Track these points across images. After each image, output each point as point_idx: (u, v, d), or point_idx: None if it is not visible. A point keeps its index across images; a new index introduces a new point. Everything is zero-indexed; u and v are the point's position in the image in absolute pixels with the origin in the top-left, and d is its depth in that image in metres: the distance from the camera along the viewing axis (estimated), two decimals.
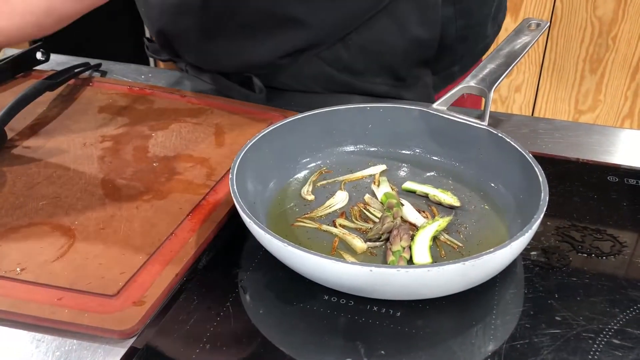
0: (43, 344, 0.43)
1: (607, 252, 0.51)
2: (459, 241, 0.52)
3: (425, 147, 0.63)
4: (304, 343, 0.43)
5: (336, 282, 0.44)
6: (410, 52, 0.76)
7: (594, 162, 0.65)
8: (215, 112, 0.73)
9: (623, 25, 2.01)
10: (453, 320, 0.45)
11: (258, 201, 0.55)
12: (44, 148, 0.66)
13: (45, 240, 0.52)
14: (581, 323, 0.44)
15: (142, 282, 0.47)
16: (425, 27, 0.75)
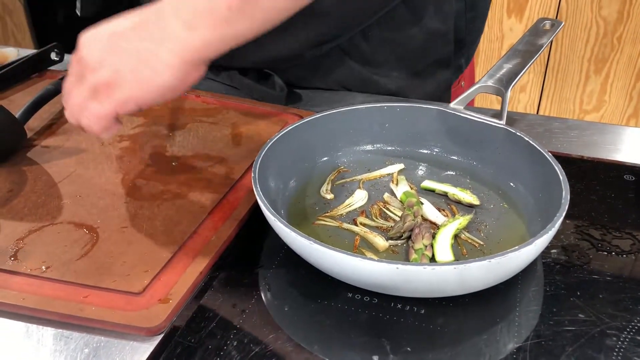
0: (71, 341, 0.44)
1: (627, 250, 0.52)
2: (479, 239, 0.52)
3: (442, 146, 0.63)
4: (329, 340, 0.43)
5: (362, 279, 0.45)
6: (426, 45, 0.78)
7: (610, 160, 0.65)
8: (231, 112, 0.74)
9: (628, 25, 2.01)
10: (477, 318, 0.45)
11: (279, 199, 0.56)
12: (62, 147, 0.66)
13: (68, 238, 0.52)
14: (604, 320, 0.45)
15: (167, 280, 0.48)
16: (440, 19, 0.76)
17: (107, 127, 0.53)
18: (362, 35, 0.76)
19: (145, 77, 0.51)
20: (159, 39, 0.51)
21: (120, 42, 0.52)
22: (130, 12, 0.54)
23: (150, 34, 0.51)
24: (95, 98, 0.52)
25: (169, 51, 0.51)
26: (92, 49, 0.52)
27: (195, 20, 0.50)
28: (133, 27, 0.52)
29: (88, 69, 0.52)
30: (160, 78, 0.51)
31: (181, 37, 0.50)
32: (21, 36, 2.86)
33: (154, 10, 0.52)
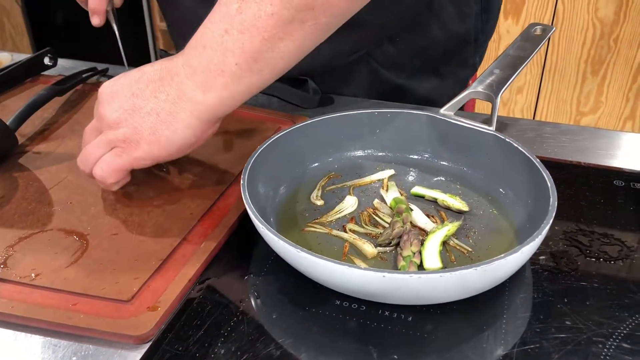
0: (60, 349, 0.44)
1: (615, 257, 0.52)
2: (468, 246, 0.52)
3: (433, 151, 0.63)
4: (317, 347, 0.43)
5: (349, 287, 0.45)
6: (449, 46, 0.80)
7: (600, 166, 0.65)
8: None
9: (624, 26, 2.01)
10: (464, 325, 0.45)
11: (268, 206, 0.56)
12: (54, 153, 0.66)
13: (58, 245, 0.52)
14: (591, 327, 0.45)
15: (156, 288, 0.48)
16: (461, 22, 0.78)
17: (119, 179, 0.56)
18: (389, 40, 0.78)
19: (164, 137, 0.54)
20: (176, 100, 0.53)
21: (138, 101, 0.54)
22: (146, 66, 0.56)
23: (167, 95, 0.53)
24: (113, 152, 0.55)
25: (186, 112, 0.53)
26: (111, 107, 0.55)
27: (209, 81, 0.52)
28: (149, 87, 0.54)
29: (106, 125, 0.55)
30: (179, 137, 0.54)
31: (197, 99, 0.53)
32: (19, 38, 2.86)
33: (169, 69, 0.54)
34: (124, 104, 0.54)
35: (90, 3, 0.71)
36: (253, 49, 0.50)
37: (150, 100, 0.54)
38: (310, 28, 0.51)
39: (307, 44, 0.53)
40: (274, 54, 0.51)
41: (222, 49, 0.50)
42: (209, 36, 0.51)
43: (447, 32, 0.79)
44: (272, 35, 0.50)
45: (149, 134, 0.53)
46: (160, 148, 0.54)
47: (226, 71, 0.51)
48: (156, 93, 0.54)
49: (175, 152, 0.55)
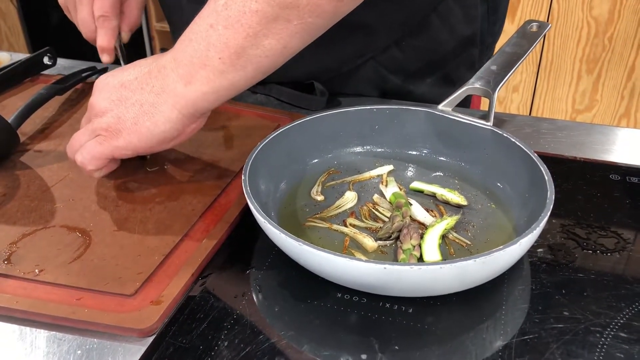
0: (64, 343, 0.44)
1: (612, 249, 0.53)
2: (467, 239, 0.53)
3: (431, 147, 0.64)
4: (319, 340, 0.44)
5: (350, 279, 0.45)
6: (456, 49, 0.80)
7: (596, 160, 0.66)
8: (223, 115, 0.74)
9: (619, 25, 2.03)
10: (464, 316, 0.46)
11: (270, 201, 0.56)
12: (56, 152, 0.67)
13: (62, 242, 0.53)
14: (588, 318, 0.45)
15: (159, 282, 0.48)
16: (468, 24, 0.78)
17: (100, 167, 0.58)
18: (395, 44, 0.78)
19: (144, 128, 0.55)
20: (159, 92, 0.54)
21: (125, 92, 0.55)
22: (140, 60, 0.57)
23: (152, 87, 0.54)
24: (95, 140, 0.56)
25: (168, 105, 0.54)
26: (101, 96, 0.56)
27: (191, 74, 0.52)
28: (137, 79, 0.55)
29: (94, 114, 0.57)
30: (159, 129, 0.55)
31: (179, 92, 0.53)
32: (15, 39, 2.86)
33: (157, 63, 0.55)
34: (112, 94, 0.56)
35: (99, 41, 0.71)
36: (237, 44, 0.50)
37: (136, 91, 0.55)
38: (296, 27, 0.51)
39: (293, 44, 0.52)
40: (258, 51, 0.51)
41: (206, 42, 0.51)
42: (196, 30, 0.52)
43: (454, 35, 0.79)
44: (256, 32, 0.50)
45: (131, 124, 0.54)
46: (140, 139, 0.55)
47: (209, 65, 0.51)
48: (142, 85, 0.55)
49: (156, 144, 0.56)
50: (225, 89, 0.53)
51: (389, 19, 0.75)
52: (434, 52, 0.80)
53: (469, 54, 0.82)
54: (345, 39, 0.75)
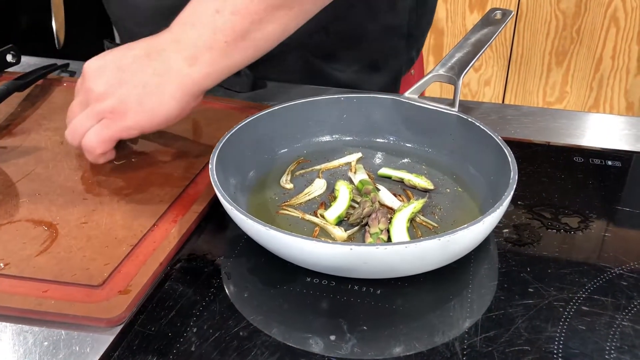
0: (30, 335, 0.44)
1: (575, 227, 0.54)
2: (434, 222, 0.54)
3: (398, 134, 0.65)
4: (288, 323, 0.44)
5: (317, 263, 0.46)
6: (381, 39, 0.81)
7: (560, 144, 0.67)
8: None
9: (586, 17, 2.07)
10: (431, 296, 0.47)
11: (238, 191, 0.56)
12: (21, 147, 0.66)
13: (27, 235, 0.52)
14: (552, 293, 0.46)
15: (127, 272, 0.48)
16: (395, 15, 0.80)
17: (107, 149, 0.59)
18: (323, 30, 0.78)
19: (150, 107, 0.56)
20: (163, 73, 0.56)
21: (125, 75, 0.57)
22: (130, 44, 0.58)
23: (154, 69, 0.56)
24: (102, 123, 0.57)
25: (173, 85, 0.56)
26: (99, 81, 0.57)
27: (196, 56, 0.55)
28: (135, 62, 0.57)
29: (94, 98, 0.57)
30: (165, 108, 0.57)
31: (183, 72, 0.56)
32: None
33: (155, 45, 0.57)
34: (111, 78, 0.57)
35: None
36: (243, 29, 0.54)
37: (137, 73, 0.56)
38: (295, 13, 0.56)
39: (290, 28, 0.57)
40: (261, 35, 0.55)
41: (213, 27, 0.54)
42: (199, 15, 0.55)
43: (380, 25, 0.80)
44: (261, 18, 0.54)
45: (136, 105, 0.56)
46: (147, 118, 0.57)
47: (215, 47, 0.55)
48: (143, 67, 0.56)
49: (162, 122, 0.58)
50: (227, 68, 0.57)
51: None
52: (359, 39, 0.81)
53: (396, 44, 0.83)
54: None
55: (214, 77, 0.57)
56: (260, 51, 0.57)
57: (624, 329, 0.43)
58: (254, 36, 0.55)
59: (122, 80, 0.56)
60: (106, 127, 0.57)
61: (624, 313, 0.44)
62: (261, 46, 0.57)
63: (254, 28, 0.55)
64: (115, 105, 0.56)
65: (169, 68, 0.56)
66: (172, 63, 0.56)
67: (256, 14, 0.54)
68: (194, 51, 0.55)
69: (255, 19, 0.54)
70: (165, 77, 0.56)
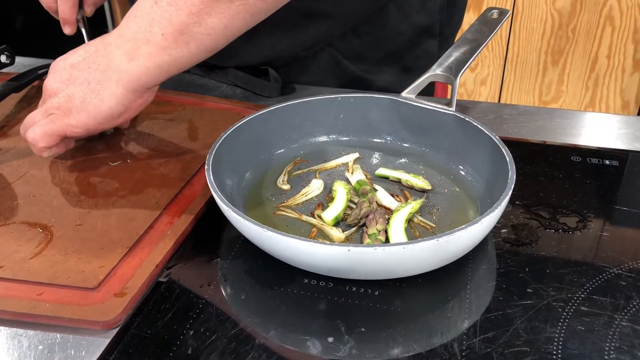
0: (25, 339, 0.43)
1: (574, 227, 0.54)
2: (432, 222, 0.53)
3: (396, 134, 0.64)
4: (285, 325, 0.44)
5: (315, 264, 0.45)
6: (414, 40, 0.80)
7: (557, 143, 0.67)
8: (187, 108, 0.74)
9: (581, 17, 2.07)
10: (429, 297, 0.46)
11: (235, 192, 0.56)
12: (15, 149, 0.65)
13: (21, 238, 0.51)
14: (551, 293, 0.46)
15: (123, 274, 0.48)
16: (425, 15, 0.79)
17: (51, 144, 0.58)
18: (353, 33, 0.78)
19: (92, 105, 0.56)
20: (104, 70, 0.56)
21: (75, 72, 0.57)
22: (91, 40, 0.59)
23: (98, 65, 0.56)
24: (48, 118, 0.58)
25: (112, 81, 0.56)
26: (53, 78, 0.58)
27: (135, 50, 0.54)
28: (85, 59, 0.57)
29: (47, 95, 0.58)
30: (106, 106, 0.56)
31: (122, 68, 0.55)
32: None
33: (103, 42, 0.57)
34: (63, 75, 0.57)
35: (61, 13, 0.71)
36: (180, 21, 0.52)
37: (84, 70, 0.56)
38: (238, 8, 0.53)
39: (235, 24, 0.54)
40: (201, 29, 0.53)
41: (150, 18, 0.53)
42: (141, 6, 0.54)
43: (412, 25, 0.79)
44: (199, 10, 0.52)
45: (79, 103, 0.56)
46: (88, 116, 0.56)
47: (152, 40, 0.53)
48: (90, 63, 0.56)
49: (104, 120, 0.57)
50: (168, 64, 0.55)
51: (347, 7, 0.75)
52: (391, 41, 0.80)
53: (427, 45, 0.83)
54: (303, 24, 0.75)
55: (156, 72, 0.55)
56: (205, 48, 0.54)
57: (623, 329, 0.43)
58: (193, 30, 0.52)
59: (71, 78, 0.57)
60: (51, 122, 0.57)
61: (623, 313, 0.44)
62: (205, 42, 0.54)
63: (192, 21, 0.52)
64: (61, 102, 0.56)
65: (109, 63, 0.55)
66: (113, 58, 0.55)
67: (193, 5, 0.51)
68: (132, 45, 0.54)
69: (193, 10, 0.51)
70: (106, 73, 0.55)
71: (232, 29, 0.55)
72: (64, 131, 0.57)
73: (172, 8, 0.52)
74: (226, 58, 0.63)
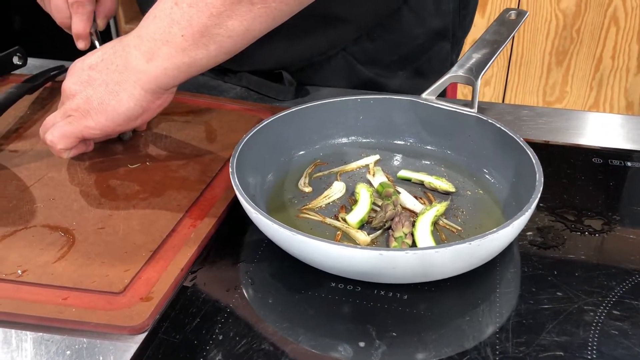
0: (52, 344, 0.43)
1: (599, 230, 0.53)
2: (457, 225, 0.53)
3: (416, 136, 0.64)
4: (315, 329, 0.43)
5: (346, 268, 0.45)
6: (428, 43, 0.80)
7: (578, 145, 0.67)
8: (204, 110, 0.73)
9: (586, 17, 2.07)
10: (459, 301, 0.46)
11: (257, 194, 0.56)
12: (32, 151, 0.65)
13: (43, 241, 0.51)
14: (581, 297, 0.46)
15: (148, 278, 0.47)
16: (439, 18, 0.79)
17: (69, 146, 0.58)
18: (367, 37, 0.77)
19: (110, 106, 0.56)
20: (122, 70, 0.55)
21: (93, 73, 0.57)
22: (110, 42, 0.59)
23: (116, 66, 0.56)
24: (66, 120, 0.57)
25: (130, 82, 0.55)
26: (72, 80, 0.58)
27: (153, 50, 0.54)
28: (104, 60, 0.57)
29: (65, 97, 0.58)
30: (124, 107, 0.56)
31: (141, 68, 0.55)
32: None
33: (121, 43, 0.57)
34: (81, 76, 0.57)
35: (75, 29, 0.71)
36: (200, 23, 0.52)
37: (102, 72, 0.56)
38: (259, 10, 0.52)
39: (255, 27, 0.54)
40: (222, 31, 0.53)
41: (170, 19, 0.52)
42: (161, 7, 0.53)
43: (426, 29, 0.79)
44: (220, 12, 0.51)
45: (97, 104, 0.56)
46: (107, 118, 0.56)
47: (171, 41, 0.53)
48: (108, 64, 0.56)
49: (122, 122, 0.57)
50: (187, 65, 0.54)
51: (361, 11, 0.75)
52: (405, 44, 0.79)
53: (441, 47, 0.82)
54: (317, 28, 0.74)
55: (174, 73, 0.55)
56: (225, 50, 0.54)
57: None
58: (214, 32, 0.52)
59: (90, 79, 0.56)
60: (69, 123, 0.57)
61: None
62: (225, 44, 0.53)
63: (212, 23, 0.52)
64: (80, 104, 0.56)
65: (127, 64, 0.55)
66: (131, 59, 0.55)
67: (214, 7, 0.51)
68: (151, 45, 0.53)
69: (214, 12, 0.51)
70: (124, 74, 0.55)
71: (253, 32, 0.54)
72: (82, 133, 0.57)
73: (192, 10, 0.52)
74: (240, 62, 0.63)
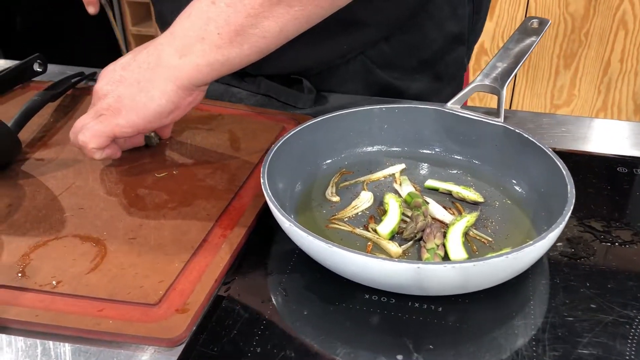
0: (91, 356, 0.43)
1: (629, 240, 0.53)
2: (487, 236, 0.53)
3: (442, 145, 0.64)
4: (352, 342, 0.43)
5: (381, 280, 0.45)
6: (445, 48, 0.80)
7: (602, 154, 0.67)
8: (226, 118, 0.73)
9: (594, 21, 2.07)
10: (493, 313, 0.46)
11: (287, 204, 0.56)
12: (58, 159, 0.65)
13: (75, 252, 0.51)
14: (616, 309, 0.46)
15: (182, 289, 0.47)
16: (455, 22, 0.79)
17: (101, 146, 0.58)
18: (385, 41, 0.78)
19: (141, 104, 0.56)
20: (154, 67, 0.56)
21: (125, 73, 0.57)
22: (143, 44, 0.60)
23: (148, 64, 0.56)
24: (97, 119, 0.58)
25: (162, 78, 0.56)
26: (103, 80, 0.59)
27: (187, 46, 0.54)
28: (136, 59, 0.57)
29: (97, 98, 0.59)
30: (155, 103, 0.56)
31: (173, 65, 0.55)
32: None
33: (154, 42, 0.57)
34: (113, 77, 0.58)
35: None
36: (237, 22, 0.53)
37: (134, 71, 0.57)
38: (296, 13, 0.54)
39: (290, 28, 0.55)
40: (257, 31, 0.53)
41: (206, 17, 0.53)
42: (197, 6, 0.54)
43: (443, 33, 0.79)
44: (257, 13, 0.52)
45: (129, 102, 0.56)
46: (138, 115, 0.56)
47: (206, 38, 0.53)
48: (140, 63, 0.57)
49: (154, 119, 0.57)
50: (220, 63, 0.55)
51: (382, 15, 0.75)
52: (423, 49, 0.80)
53: (457, 52, 0.82)
54: (338, 32, 0.75)
55: (207, 70, 0.55)
56: (258, 49, 0.55)
57: None
58: (249, 31, 0.53)
59: (122, 79, 0.57)
60: (100, 122, 0.57)
61: None
62: (259, 44, 0.55)
63: (250, 23, 0.53)
64: (111, 103, 0.57)
65: (160, 61, 0.55)
66: (164, 55, 0.55)
67: (252, 8, 0.52)
68: (185, 41, 0.54)
69: (252, 13, 0.52)
70: (156, 70, 0.55)
71: (286, 33, 0.55)
72: (114, 131, 0.57)
73: (230, 9, 0.53)
74: (259, 66, 0.63)
